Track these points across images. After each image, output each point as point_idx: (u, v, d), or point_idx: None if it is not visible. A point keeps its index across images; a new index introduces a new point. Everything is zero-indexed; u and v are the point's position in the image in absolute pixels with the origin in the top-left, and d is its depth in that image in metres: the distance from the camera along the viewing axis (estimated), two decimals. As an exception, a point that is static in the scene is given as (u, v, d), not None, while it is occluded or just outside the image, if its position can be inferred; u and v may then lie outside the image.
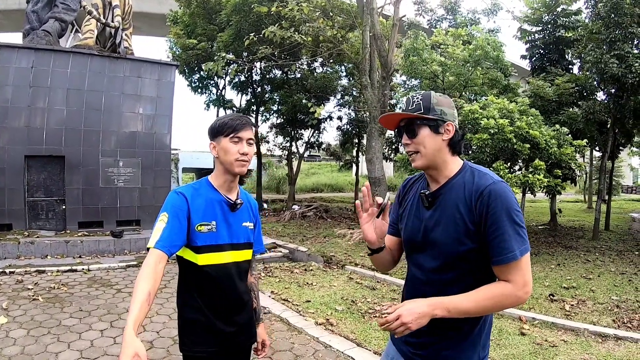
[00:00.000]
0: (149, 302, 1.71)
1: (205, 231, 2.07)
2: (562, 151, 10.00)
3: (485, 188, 1.64)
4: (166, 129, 11.70)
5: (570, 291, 7.39)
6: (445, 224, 1.71)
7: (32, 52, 10.09)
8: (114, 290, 6.77)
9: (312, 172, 40.96)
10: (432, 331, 1.70)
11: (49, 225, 10.23)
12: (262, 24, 14.70)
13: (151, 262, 1.84)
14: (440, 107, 1.75)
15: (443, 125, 1.75)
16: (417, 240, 1.81)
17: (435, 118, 1.73)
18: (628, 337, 5.21)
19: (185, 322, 2.17)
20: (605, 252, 11.12)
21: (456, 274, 1.70)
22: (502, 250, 1.59)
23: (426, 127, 1.74)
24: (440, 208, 1.75)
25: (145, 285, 1.74)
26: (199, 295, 2.12)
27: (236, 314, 2.21)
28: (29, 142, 9.98)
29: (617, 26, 11.07)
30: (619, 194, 39.00)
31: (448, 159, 1.78)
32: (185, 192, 2.08)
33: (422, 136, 1.75)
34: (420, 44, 13.99)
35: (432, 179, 1.82)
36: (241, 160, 2.08)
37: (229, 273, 2.15)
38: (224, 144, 2.08)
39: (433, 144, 1.74)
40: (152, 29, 31.21)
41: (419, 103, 1.75)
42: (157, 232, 1.94)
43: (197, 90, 21.76)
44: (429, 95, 1.77)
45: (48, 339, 4.79)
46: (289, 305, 6.30)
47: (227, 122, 2.09)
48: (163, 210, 2.01)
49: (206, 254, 2.08)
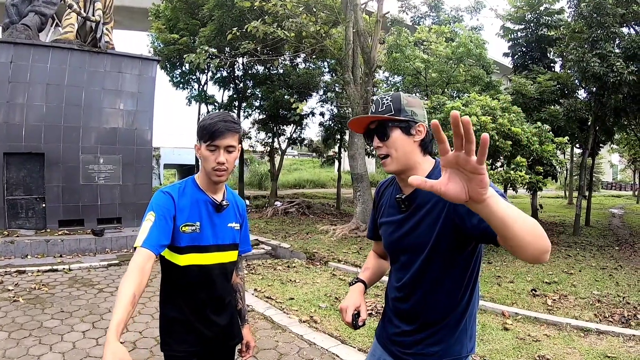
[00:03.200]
0: (133, 304, 1.64)
1: (189, 232, 2.03)
2: (544, 148, 10.09)
3: None
4: (147, 125, 11.55)
5: (552, 286, 7.47)
6: (425, 224, 1.68)
7: (10, 46, 9.88)
8: (95, 290, 6.68)
9: (294, 168, 40.92)
10: (420, 328, 1.73)
11: (29, 224, 10.05)
12: (244, 19, 14.60)
13: (138, 261, 1.78)
14: (411, 107, 1.72)
15: (414, 126, 1.72)
16: (399, 245, 1.79)
17: (407, 119, 1.70)
18: (609, 331, 5.28)
19: (166, 322, 2.13)
20: (586, 247, 11.27)
21: (437, 273, 1.68)
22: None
23: (397, 128, 1.71)
24: (419, 210, 1.71)
25: (129, 286, 1.67)
26: (181, 295, 2.09)
27: (217, 315, 2.17)
28: (8, 139, 9.78)
29: (599, 26, 11.20)
30: (599, 190, 39.70)
31: (420, 159, 1.75)
32: (171, 191, 2.03)
33: (393, 138, 1.71)
34: (403, 41, 14.05)
35: (405, 182, 1.75)
36: (217, 170, 2.01)
37: (211, 274, 2.11)
38: (203, 150, 2.00)
39: (405, 146, 1.71)
40: (133, 23, 30.79)
41: (389, 104, 1.72)
42: (144, 230, 1.88)
43: (179, 85, 21.62)
44: (399, 96, 1.74)
45: (29, 341, 4.70)
46: (272, 303, 6.28)
47: (205, 126, 1.99)
48: (150, 209, 1.96)
49: (189, 254, 2.04)
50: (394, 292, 1.87)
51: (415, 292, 1.74)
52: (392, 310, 1.89)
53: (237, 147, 2.07)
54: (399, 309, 1.83)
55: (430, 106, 11.06)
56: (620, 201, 32.25)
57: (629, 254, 10.66)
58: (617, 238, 13.14)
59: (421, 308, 1.74)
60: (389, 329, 1.89)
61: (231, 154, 2.02)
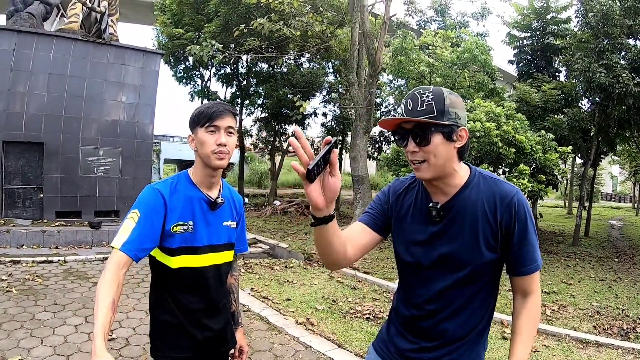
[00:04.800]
0: (113, 310, 1.58)
1: (181, 232, 1.91)
2: (547, 157, 10.06)
3: (511, 198, 1.52)
4: (149, 118, 11.46)
5: (551, 296, 7.42)
6: (463, 238, 1.55)
7: (14, 34, 9.78)
8: (89, 284, 6.60)
9: (294, 167, 40.83)
10: (443, 344, 1.61)
11: (26, 213, 9.96)
12: (250, 15, 14.53)
13: (113, 268, 1.67)
14: (454, 109, 1.49)
15: (457, 131, 1.50)
16: (428, 257, 1.61)
17: (451, 124, 1.47)
18: (609, 343, 5.23)
19: (157, 326, 2.02)
20: (585, 258, 11.24)
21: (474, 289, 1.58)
22: (528, 261, 1.56)
23: (439, 134, 1.47)
24: (456, 221, 1.57)
25: (108, 292, 1.60)
26: (172, 298, 1.97)
27: (211, 318, 2.05)
28: (8, 127, 9.67)
29: (606, 36, 11.18)
30: (598, 201, 39.69)
31: (457, 166, 1.57)
32: (162, 188, 1.91)
33: (434, 144, 1.47)
34: (408, 44, 14.02)
35: (439, 189, 1.60)
36: (219, 152, 1.88)
37: (206, 277, 1.99)
38: (201, 135, 1.89)
39: (445, 153, 1.50)
40: (138, 17, 30.83)
41: (431, 104, 1.46)
42: (125, 230, 1.77)
43: (182, 80, 21.57)
44: (442, 94, 1.49)
45: (20, 333, 4.62)
46: (268, 304, 6.20)
47: (202, 111, 1.90)
48: (135, 206, 1.85)
49: (181, 256, 1.92)
50: (410, 310, 1.68)
51: (444, 310, 1.59)
52: (405, 326, 1.71)
53: (236, 132, 1.97)
54: (419, 326, 1.66)
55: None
56: (619, 213, 32.28)
57: (628, 266, 10.63)
58: (616, 250, 13.10)
59: (448, 326, 1.60)
60: (400, 344, 1.71)
61: (231, 136, 1.93)
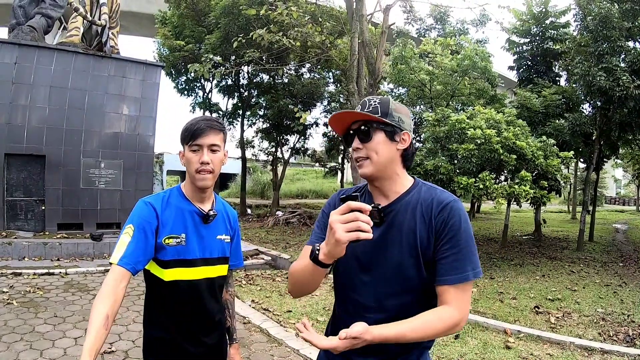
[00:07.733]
0: (106, 327, 1.56)
1: (174, 244, 1.90)
2: (549, 162, 9.99)
3: (447, 203, 1.53)
4: (150, 130, 11.51)
5: (555, 303, 7.35)
6: (400, 244, 1.54)
7: (15, 47, 9.87)
8: (90, 296, 6.57)
9: (297, 178, 40.81)
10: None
11: (28, 225, 9.98)
12: (250, 27, 14.59)
13: (111, 281, 1.68)
14: (399, 114, 1.60)
15: (400, 134, 1.60)
16: (366, 258, 1.60)
17: (393, 124, 1.58)
18: (614, 350, 5.15)
19: (150, 341, 2.00)
20: (589, 263, 11.15)
21: (413, 297, 1.54)
22: (453, 270, 1.47)
23: (382, 132, 1.57)
24: (394, 226, 1.57)
25: (102, 308, 1.59)
26: (165, 312, 1.95)
27: (205, 334, 2.03)
28: (10, 140, 9.73)
29: (605, 39, 11.16)
30: (602, 205, 39.51)
31: (399, 171, 1.64)
32: (154, 202, 1.92)
33: (376, 141, 1.57)
34: (408, 53, 14.02)
35: (380, 192, 1.64)
36: (202, 170, 1.86)
37: (199, 290, 1.97)
38: (187, 153, 1.89)
39: (387, 152, 1.58)
40: (139, 29, 30.99)
41: (377, 106, 1.59)
42: (121, 246, 1.77)
43: (184, 92, 21.68)
44: (388, 100, 1.62)
45: (20, 345, 4.60)
46: (269, 315, 6.17)
47: (187, 128, 1.88)
48: (129, 221, 1.85)
49: (174, 269, 1.90)
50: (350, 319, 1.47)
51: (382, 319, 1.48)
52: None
53: (222, 148, 1.95)
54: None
55: (434, 118, 11.01)
56: (623, 216, 32.08)
57: (634, 270, 10.53)
58: (621, 254, 13.00)
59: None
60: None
61: (216, 153, 1.90)
